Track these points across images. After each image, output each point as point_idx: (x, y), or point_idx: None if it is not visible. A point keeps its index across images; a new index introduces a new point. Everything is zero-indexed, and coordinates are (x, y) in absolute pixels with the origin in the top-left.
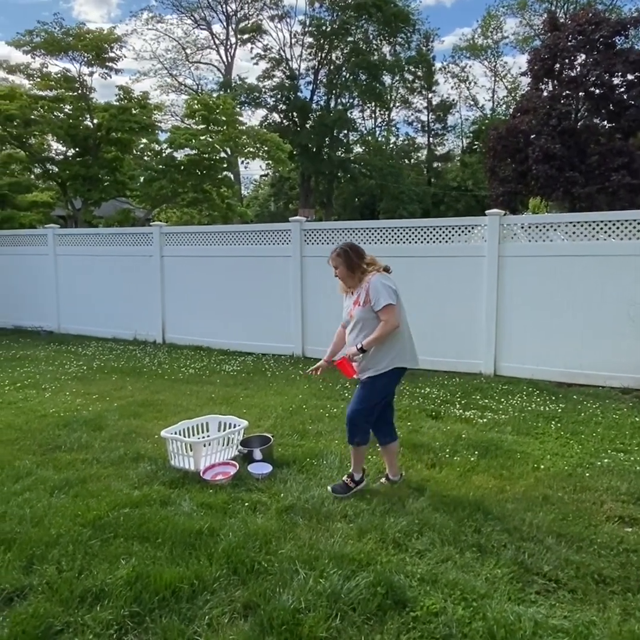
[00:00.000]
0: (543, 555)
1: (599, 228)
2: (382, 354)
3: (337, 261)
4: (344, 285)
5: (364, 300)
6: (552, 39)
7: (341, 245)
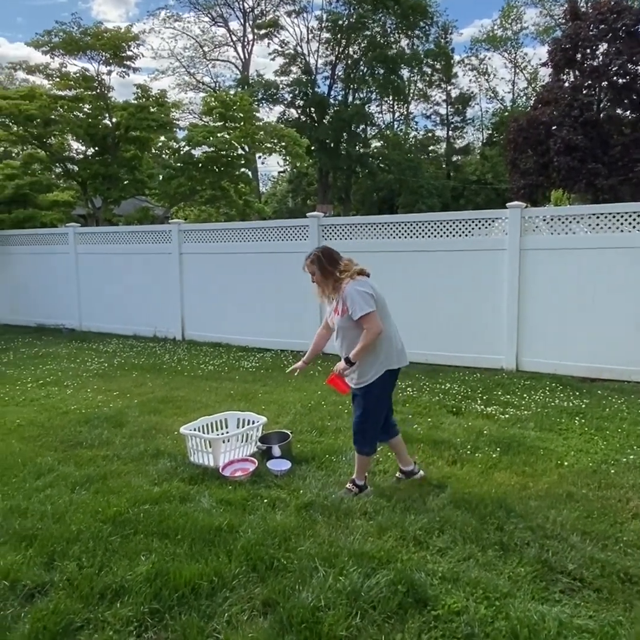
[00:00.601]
0: (567, 553)
1: (623, 220)
2: (369, 364)
3: (312, 268)
4: (320, 291)
5: (342, 309)
6: (573, 28)
7: (314, 251)
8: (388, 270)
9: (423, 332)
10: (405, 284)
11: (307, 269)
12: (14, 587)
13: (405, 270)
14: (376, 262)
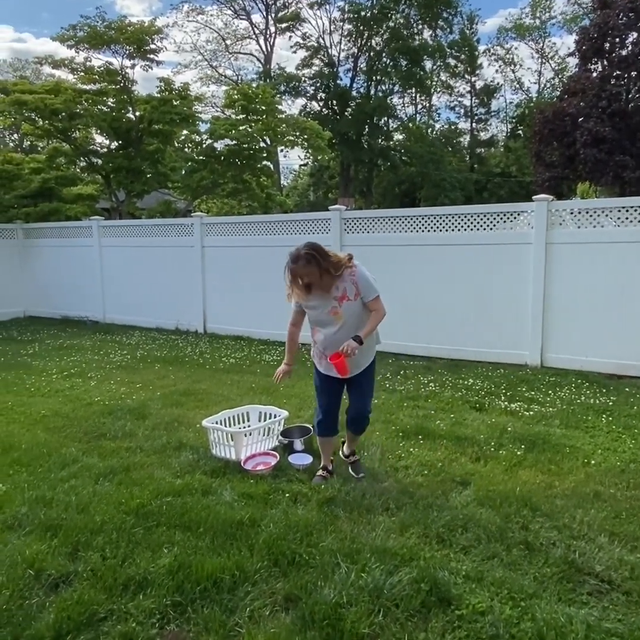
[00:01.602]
0: (595, 554)
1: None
2: (372, 342)
3: (308, 269)
4: (300, 292)
5: (355, 293)
6: (602, 17)
7: (302, 253)
8: (410, 264)
9: (445, 327)
10: (428, 277)
11: (301, 271)
12: (39, 577)
13: (428, 264)
14: (398, 256)
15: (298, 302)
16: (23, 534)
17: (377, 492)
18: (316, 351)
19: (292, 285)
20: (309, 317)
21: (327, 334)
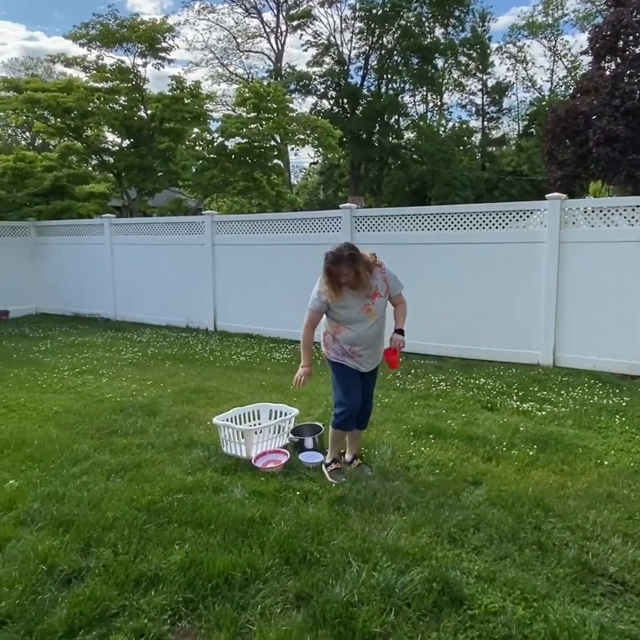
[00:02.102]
0: (608, 555)
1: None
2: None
3: (349, 269)
4: (336, 293)
5: (385, 289)
6: (616, 14)
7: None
8: (421, 263)
9: (456, 326)
10: (438, 276)
11: (343, 271)
12: (51, 572)
13: (439, 262)
14: (409, 254)
15: (325, 303)
16: (35, 530)
17: (388, 491)
18: (339, 348)
19: (329, 285)
20: (337, 316)
21: (359, 331)
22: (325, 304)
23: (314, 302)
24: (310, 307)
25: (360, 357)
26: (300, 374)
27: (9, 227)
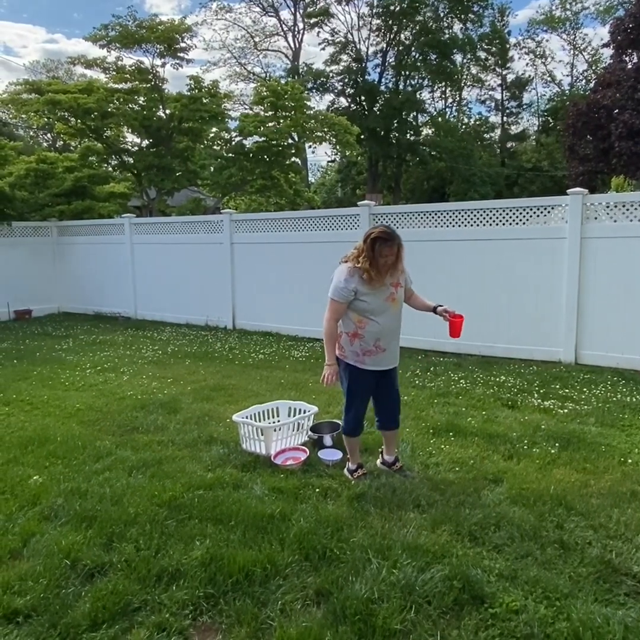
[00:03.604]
0: (632, 554)
1: None
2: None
3: (399, 249)
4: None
5: (404, 281)
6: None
7: (395, 233)
8: (440, 259)
9: (476, 323)
10: (457, 273)
11: (394, 250)
12: (74, 567)
13: (458, 259)
14: (428, 251)
15: (353, 291)
16: (59, 525)
17: (407, 488)
18: (359, 348)
19: (371, 263)
20: (363, 305)
21: (384, 322)
22: (353, 292)
23: (340, 292)
24: (335, 298)
25: (383, 352)
26: (328, 372)
27: (31, 227)
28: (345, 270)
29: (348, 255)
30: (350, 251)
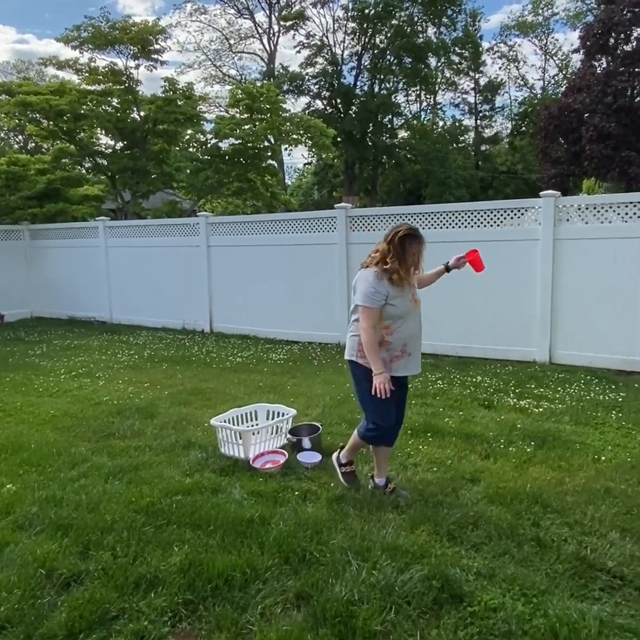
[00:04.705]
0: (607, 550)
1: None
2: None
3: (424, 247)
4: (409, 271)
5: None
6: (606, 12)
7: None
8: None
9: (452, 325)
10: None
11: (421, 248)
12: (50, 576)
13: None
14: None
15: (385, 295)
16: (34, 534)
17: (385, 492)
18: (387, 354)
19: (402, 261)
20: (391, 310)
21: (411, 325)
22: (384, 297)
23: (371, 298)
24: (368, 305)
25: (409, 356)
26: (379, 382)
27: (3, 231)
28: (372, 275)
29: (367, 261)
30: (369, 256)
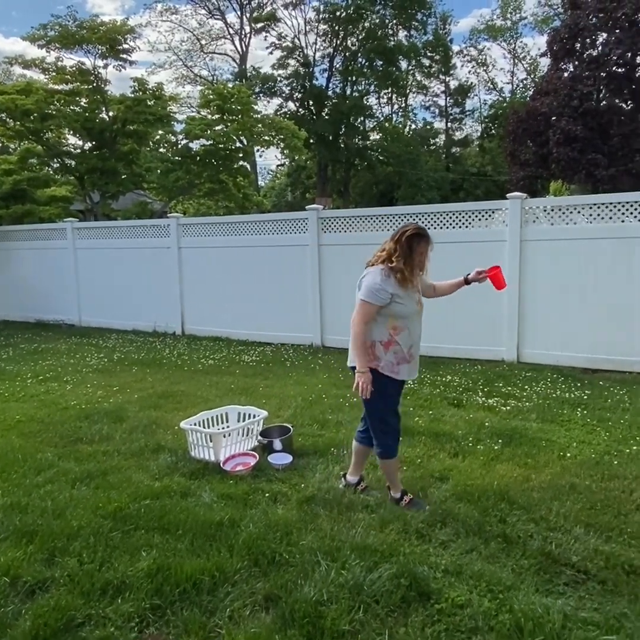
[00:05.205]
0: (571, 545)
1: (624, 209)
2: None
3: (430, 248)
4: (413, 277)
5: (419, 282)
6: (573, 18)
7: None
8: None
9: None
10: None
11: (429, 248)
12: (14, 584)
13: None
14: None
15: (391, 293)
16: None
17: (357, 490)
18: (394, 357)
19: (410, 261)
20: (399, 309)
21: (416, 327)
22: (390, 295)
23: (375, 294)
24: (368, 300)
25: (413, 360)
26: (362, 381)
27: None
28: (380, 272)
29: (373, 260)
30: (375, 255)
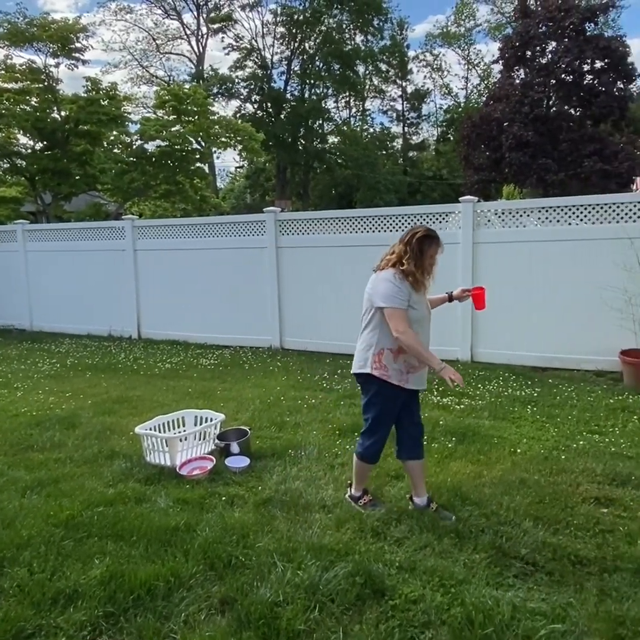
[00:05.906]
0: (520, 538)
1: (571, 213)
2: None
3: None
4: (426, 276)
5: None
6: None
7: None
8: (342, 266)
9: None
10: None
11: (439, 251)
12: None
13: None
14: (333, 258)
15: (408, 296)
16: None
17: (313, 490)
18: (404, 365)
19: (421, 263)
20: (412, 313)
21: (426, 333)
22: (408, 298)
23: (397, 299)
24: (396, 306)
25: (423, 368)
26: (452, 373)
27: None
28: (392, 276)
29: (382, 264)
30: (383, 258)
